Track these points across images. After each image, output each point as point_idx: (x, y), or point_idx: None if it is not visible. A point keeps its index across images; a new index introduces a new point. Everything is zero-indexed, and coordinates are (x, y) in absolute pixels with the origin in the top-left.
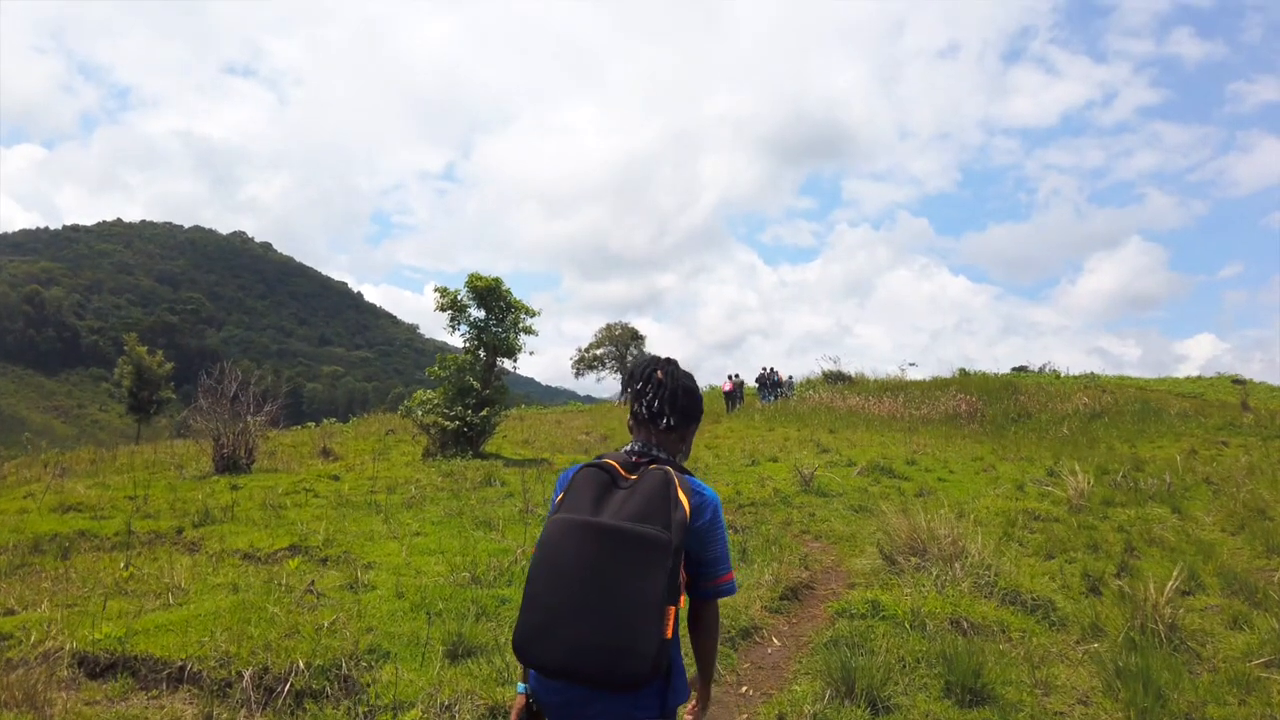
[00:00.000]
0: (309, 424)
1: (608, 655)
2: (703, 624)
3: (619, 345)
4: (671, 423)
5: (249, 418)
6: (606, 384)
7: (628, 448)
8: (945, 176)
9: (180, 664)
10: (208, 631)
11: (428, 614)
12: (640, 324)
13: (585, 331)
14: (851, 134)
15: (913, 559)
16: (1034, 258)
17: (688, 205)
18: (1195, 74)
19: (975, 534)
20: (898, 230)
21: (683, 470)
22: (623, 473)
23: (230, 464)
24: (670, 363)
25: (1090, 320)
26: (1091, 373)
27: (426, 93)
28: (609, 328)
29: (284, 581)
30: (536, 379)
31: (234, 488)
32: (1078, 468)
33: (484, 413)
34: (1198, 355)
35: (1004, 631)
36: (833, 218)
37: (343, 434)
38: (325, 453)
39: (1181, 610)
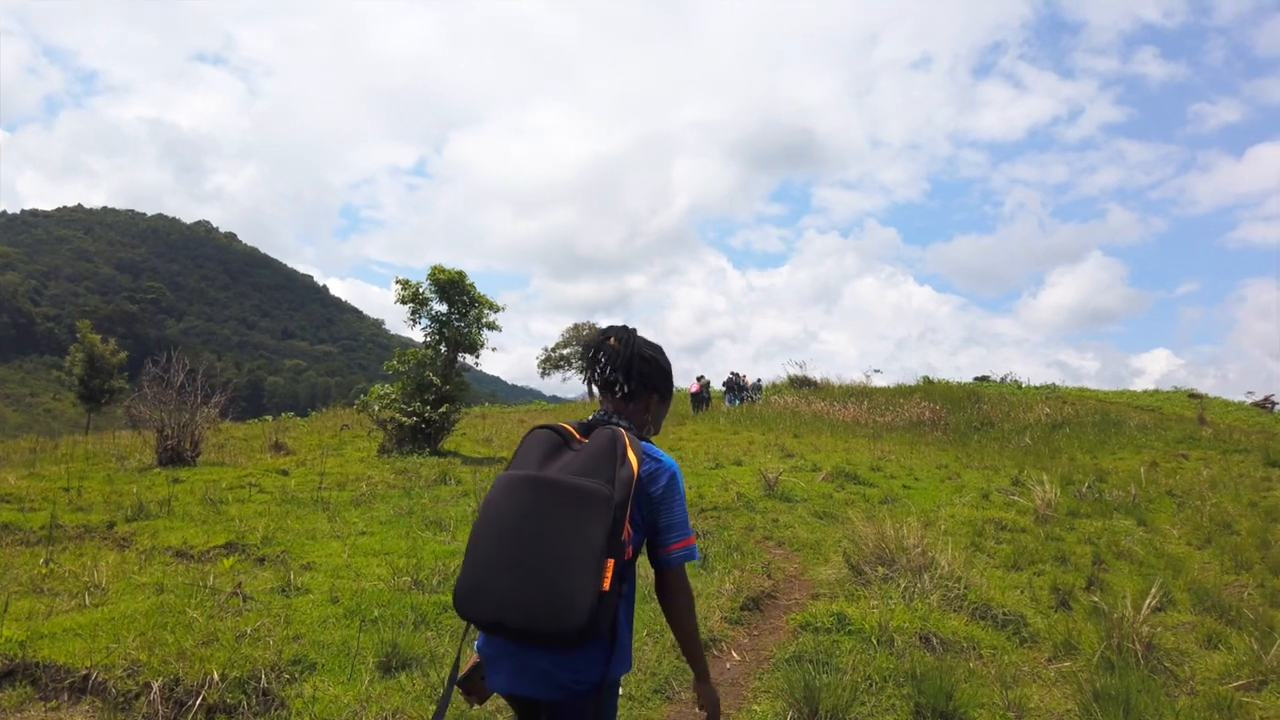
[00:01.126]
0: (266, 417)
1: (537, 608)
2: (668, 590)
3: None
4: (628, 390)
5: (195, 409)
6: (573, 384)
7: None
8: (914, 187)
9: (85, 672)
10: (120, 637)
11: (362, 621)
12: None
13: (553, 331)
14: (823, 142)
15: (880, 569)
16: (998, 269)
17: (659, 208)
18: (1158, 93)
19: (944, 544)
20: (866, 239)
21: (643, 438)
22: (576, 436)
23: (174, 456)
24: (625, 330)
25: (1051, 333)
26: (1052, 384)
27: (399, 87)
28: (577, 328)
29: (211, 583)
30: (502, 378)
31: (175, 481)
32: (1045, 478)
33: (443, 409)
34: (1153, 370)
35: (974, 648)
36: (802, 224)
37: (298, 428)
38: (277, 447)
39: (1158, 629)
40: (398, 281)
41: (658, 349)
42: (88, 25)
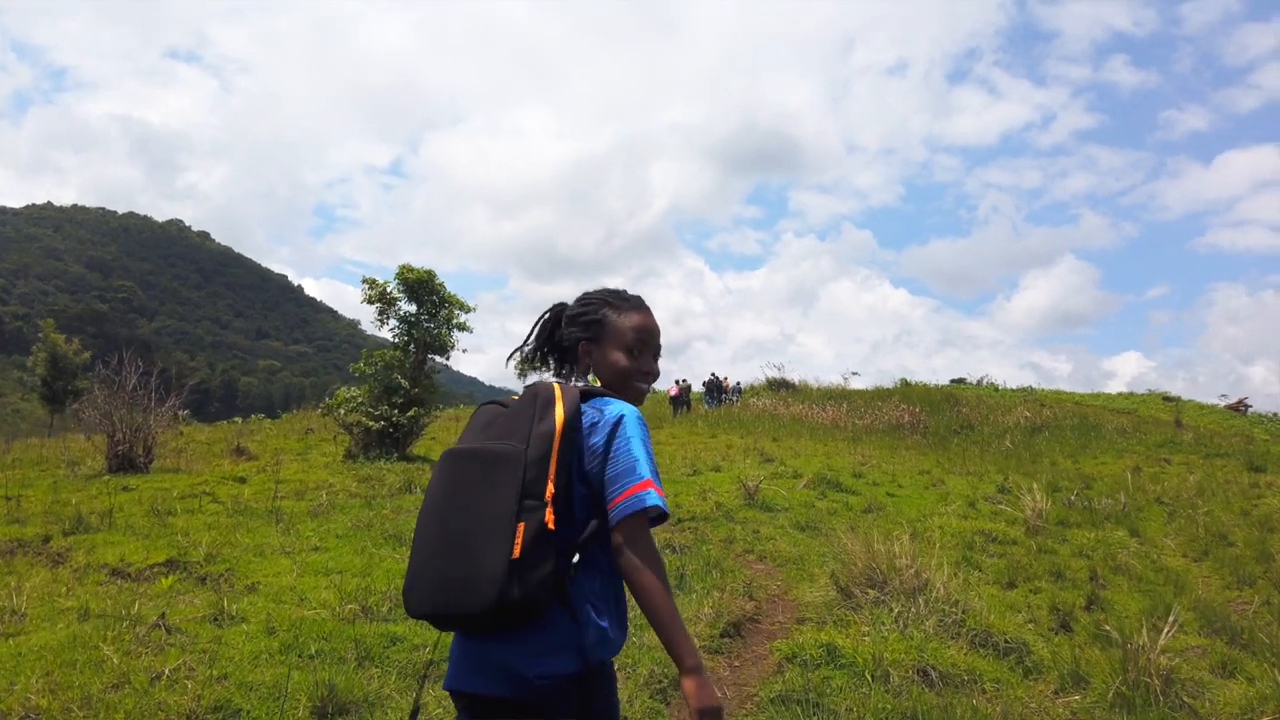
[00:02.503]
0: (236, 419)
1: (456, 585)
2: (622, 558)
3: None
4: (545, 352)
5: (149, 411)
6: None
7: None
8: (889, 191)
9: None
10: (22, 676)
11: (299, 657)
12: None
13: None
14: (800, 146)
15: (870, 591)
16: (972, 273)
17: (637, 211)
18: (1129, 101)
19: (937, 562)
20: (842, 242)
21: (596, 388)
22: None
23: (126, 463)
24: (557, 306)
25: (1024, 336)
26: (1029, 386)
27: (375, 86)
28: None
29: (135, 610)
30: (480, 379)
31: (125, 489)
32: (1035, 487)
33: (412, 413)
34: (1124, 372)
35: (976, 682)
36: (779, 227)
37: (265, 431)
38: (239, 451)
39: (1176, 659)
40: (365, 281)
41: (587, 297)
42: (58, 21)
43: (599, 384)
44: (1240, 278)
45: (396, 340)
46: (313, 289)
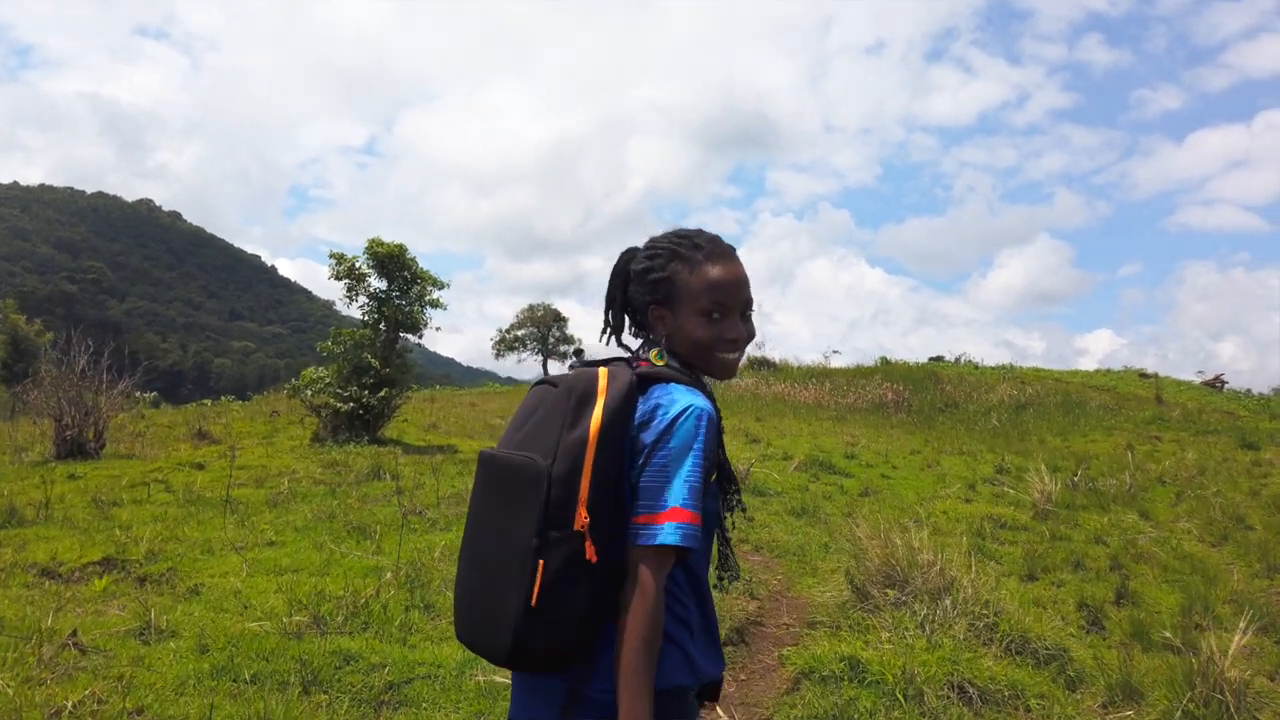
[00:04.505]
0: (205, 401)
1: (478, 625)
2: (621, 595)
3: (540, 327)
4: (612, 324)
5: (99, 393)
6: (528, 365)
7: None
8: (867, 170)
9: None
10: None
11: (233, 682)
12: (563, 306)
13: (507, 312)
14: (778, 126)
15: (890, 592)
16: (948, 252)
17: (614, 190)
18: (1103, 80)
19: (965, 560)
20: (819, 221)
21: (661, 370)
22: None
23: (75, 448)
24: (626, 252)
25: (1000, 314)
26: (1008, 364)
27: (348, 64)
28: (531, 309)
29: (49, 624)
30: (457, 359)
31: (71, 477)
32: (1043, 469)
33: (383, 394)
34: (1097, 350)
35: (1019, 697)
36: (756, 207)
37: (231, 414)
38: (200, 435)
39: (1248, 671)
40: (332, 256)
41: (654, 247)
42: None
43: (664, 361)
44: (1210, 255)
45: (366, 318)
46: (287, 269)
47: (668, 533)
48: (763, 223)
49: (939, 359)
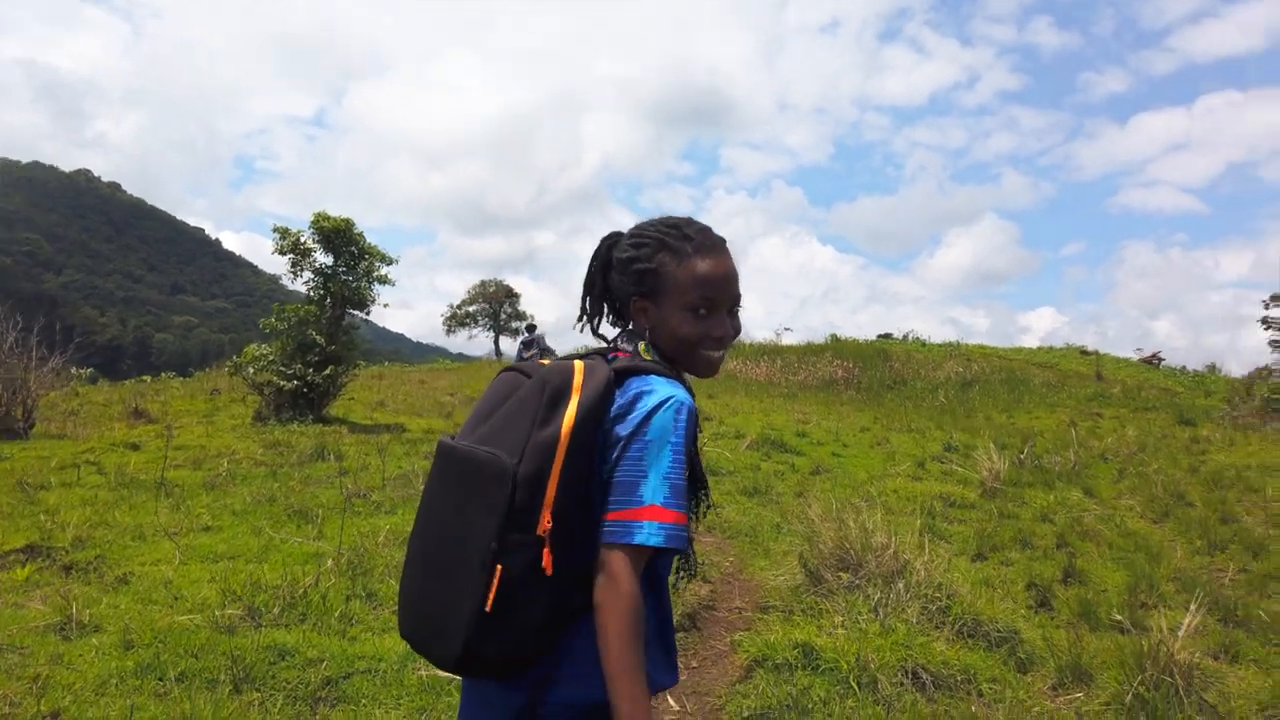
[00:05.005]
0: (145, 377)
1: (426, 625)
2: (595, 595)
3: (493, 303)
4: (590, 312)
5: (28, 370)
6: (479, 341)
7: None
8: (820, 149)
9: None
10: None
11: (160, 680)
12: (516, 282)
13: (459, 288)
14: (733, 103)
15: (843, 575)
16: (898, 230)
17: (568, 165)
18: (1051, 63)
19: (906, 536)
20: (772, 199)
21: (640, 363)
22: None
23: (2, 428)
24: (609, 237)
25: (947, 292)
26: (954, 341)
27: (296, 33)
28: (483, 284)
29: None
30: (407, 335)
31: None
32: (991, 447)
33: (328, 371)
34: (1039, 327)
35: (972, 682)
36: (710, 184)
37: (171, 391)
38: (137, 414)
39: (1197, 654)
40: (276, 230)
41: (640, 235)
42: None
43: (650, 355)
44: (1149, 236)
45: (311, 294)
46: (231, 243)
47: (649, 533)
48: (716, 200)
49: (887, 336)
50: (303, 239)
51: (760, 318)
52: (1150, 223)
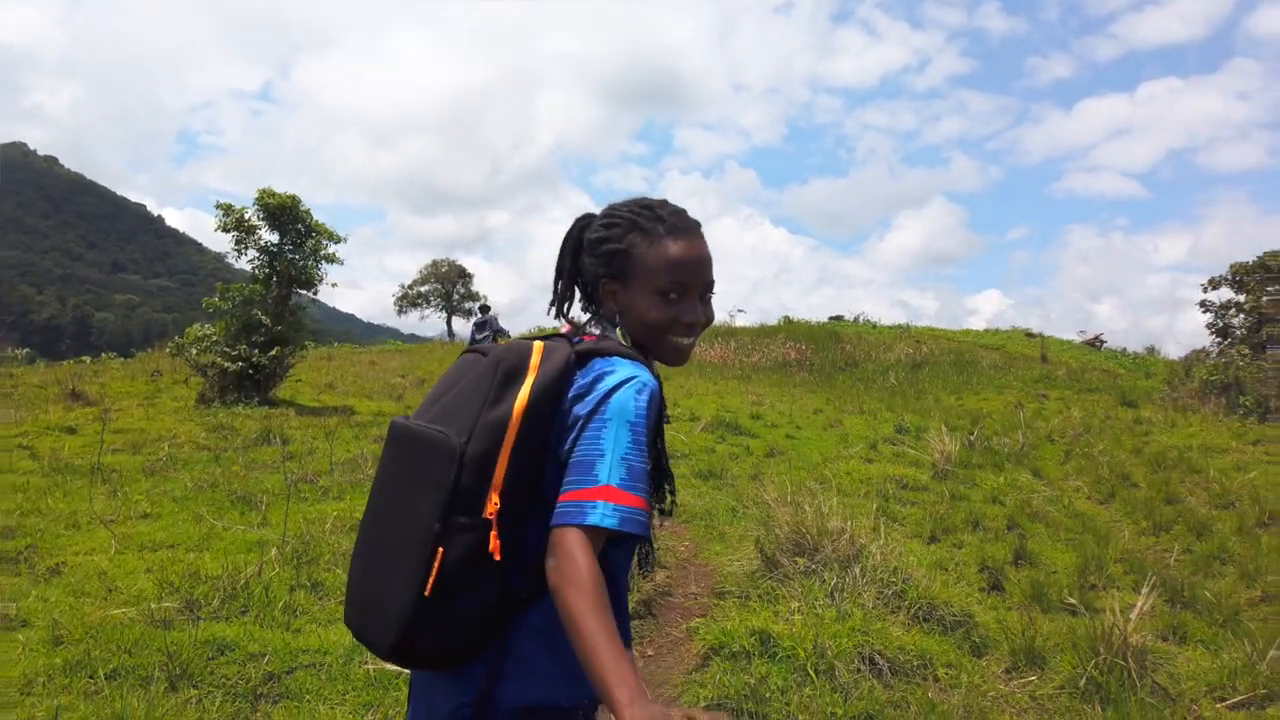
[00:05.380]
0: (84, 358)
1: (367, 612)
2: (548, 577)
3: (445, 283)
4: (561, 294)
5: None
6: (431, 322)
7: None
8: (773, 130)
9: None
10: None
11: (90, 678)
12: (469, 262)
13: (410, 268)
14: (686, 83)
15: (799, 560)
16: (849, 213)
17: (522, 144)
18: (999, 47)
19: (862, 520)
20: (726, 180)
21: (605, 344)
22: None
23: None
24: (582, 218)
25: (896, 274)
26: (904, 324)
27: (240, 4)
28: (435, 264)
29: None
30: (357, 315)
31: None
32: (943, 429)
33: (274, 352)
34: (986, 310)
35: (928, 666)
36: (664, 165)
37: (111, 373)
38: (74, 396)
39: (1148, 636)
40: (219, 206)
41: (611, 215)
42: None
43: (624, 339)
44: (1092, 220)
45: (257, 273)
46: (175, 220)
47: (603, 514)
48: (670, 181)
49: (839, 318)
50: (247, 216)
51: (714, 299)
52: (1093, 207)
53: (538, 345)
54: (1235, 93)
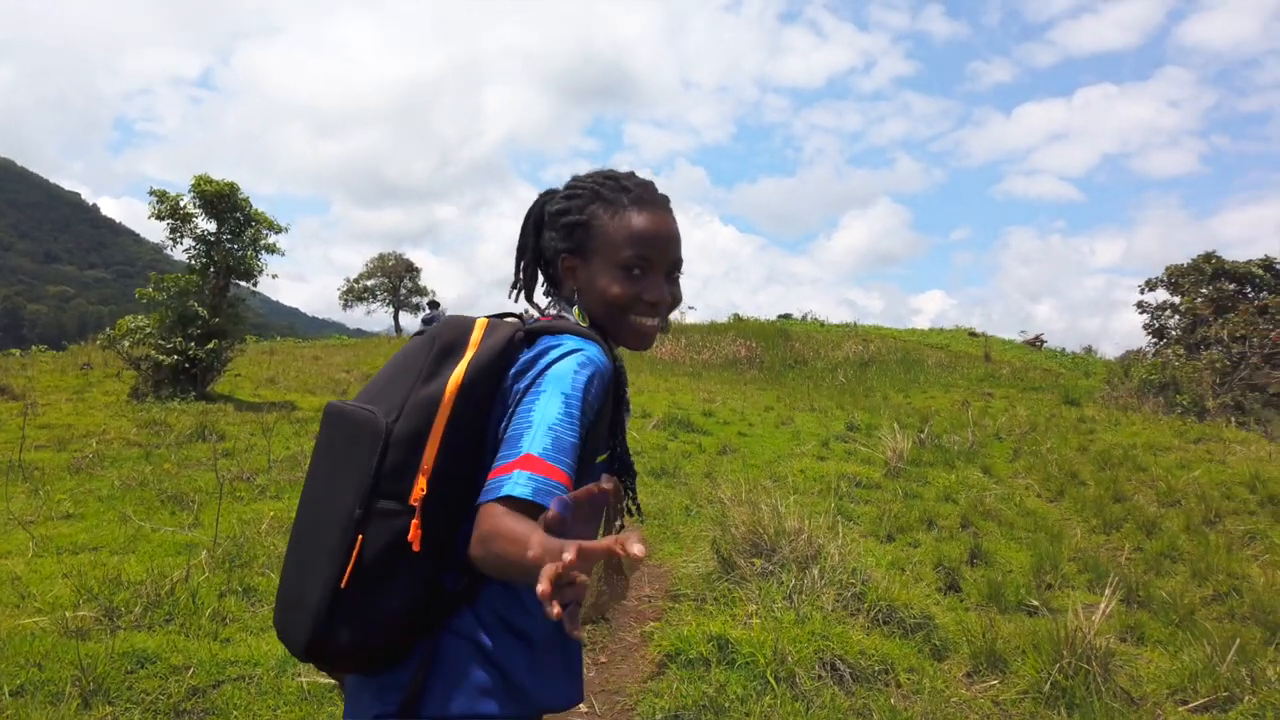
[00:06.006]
0: (14, 351)
1: (287, 608)
2: (470, 553)
3: (391, 277)
4: (523, 272)
5: None
6: (378, 317)
7: None
8: (722, 128)
9: None
10: None
11: None
12: (416, 256)
13: (356, 261)
14: (636, 79)
15: (756, 561)
16: (797, 212)
17: (471, 137)
18: (942, 50)
19: (819, 520)
20: (676, 177)
21: (556, 322)
22: None
23: None
24: (545, 194)
25: (842, 273)
26: (851, 322)
27: None
28: (382, 258)
29: None
30: (302, 309)
31: None
32: (896, 427)
33: (211, 345)
34: (930, 309)
35: (889, 672)
36: (615, 161)
37: (39, 366)
38: (0, 390)
39: (1110, 637)
40: (153, 193)
41: (573, 186)
42: None
43: (583, 319)
44: (1031, 222)
45: (193, 263)
46: (111, 209)
47: (514, 481)
48: None
49: (787, 317)
50: (183, 203)
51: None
52: (1032, 209)
53: (481, 321)
54: (1167, 100)
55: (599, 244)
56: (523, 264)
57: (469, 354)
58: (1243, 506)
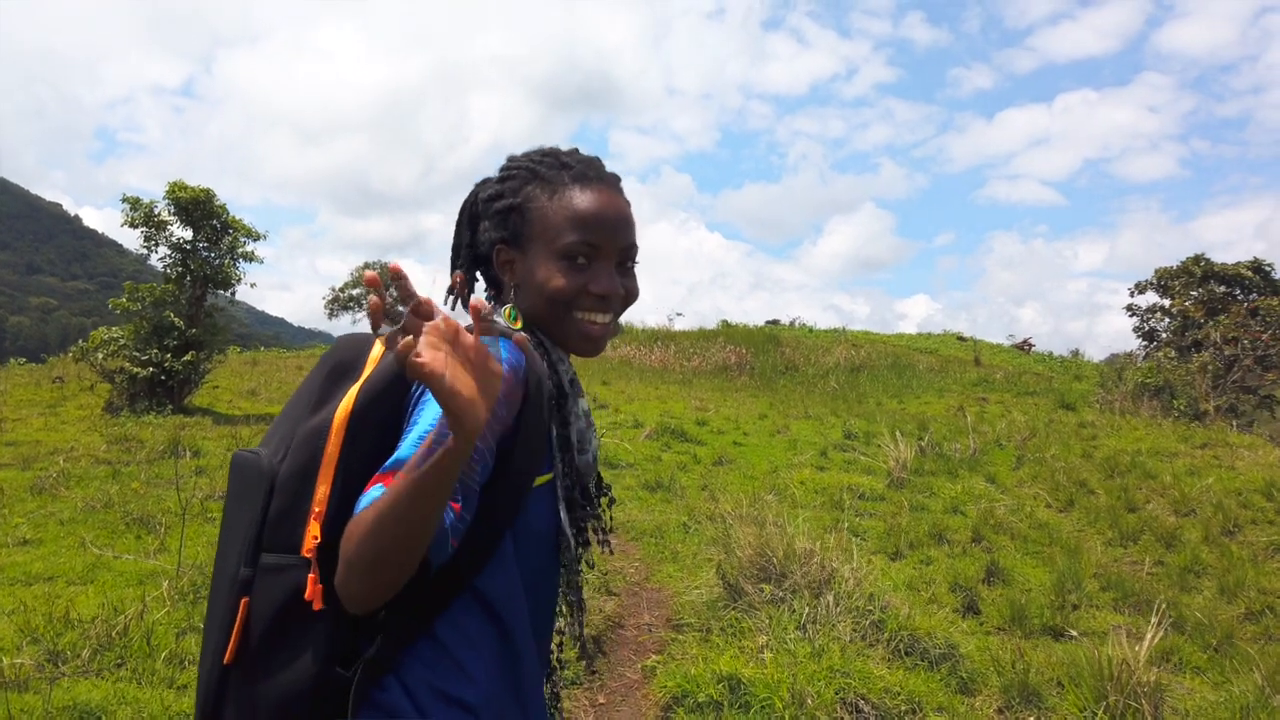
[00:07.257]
0: None
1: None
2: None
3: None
4: (460, 258)
5: None
6: (363, 326)
7: None
8: (706, 135)
9: None
10: None
11: None
12: (402, 264)
13: (342, 270)
14: (621, 87)
15: (765, 587)
16: (782, 218)
17: (456, 145)
18: (924, 57)
19: (831, 540)
20: (662, 184)
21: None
22: None
23: None
24: (481, 182)
25: (828, 279)
26: (840, 327)
27: None
28: (368, 266)
29: None
30: (287, 319)
31: None
32: (899, 435)
33: (188, 357)
34: (915, 314)
35: (917, 710)
36: None
37: (13, 379)
38: None
39: (1159, 672)
40: (126, 200)
41: (508, 166)
42: None
43: (515, 320)
44: (1014, 226)
45: (169, 272)
46: (93, 219)
47: (369, 498)
48: None
49: (775, 322)
50: (157, 210)
51: (651, 303)
52: (1015, 214)
53: (381, 336)
54: (1146, 105)
55: (537, 230)
56: (457, 264)
57: (365, 373)
58: (1261, 516)
